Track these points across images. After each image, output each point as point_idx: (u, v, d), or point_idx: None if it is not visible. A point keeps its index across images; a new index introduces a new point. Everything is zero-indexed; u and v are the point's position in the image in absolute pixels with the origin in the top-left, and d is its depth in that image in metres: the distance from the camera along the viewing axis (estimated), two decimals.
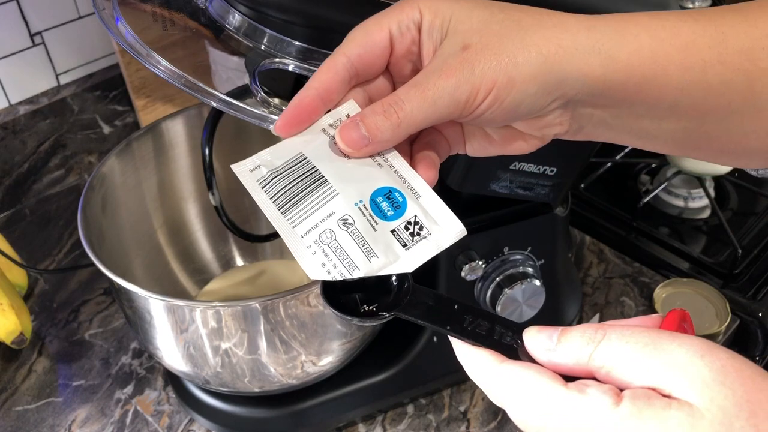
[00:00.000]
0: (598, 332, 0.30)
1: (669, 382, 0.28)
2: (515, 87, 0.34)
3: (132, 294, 0.56)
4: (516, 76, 0.34)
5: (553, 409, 0.29)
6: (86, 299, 0.84)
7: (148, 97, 1.00)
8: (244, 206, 0.80)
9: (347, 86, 0.38)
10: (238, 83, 0.53)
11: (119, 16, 0.50)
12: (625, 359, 0.29)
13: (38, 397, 0.73)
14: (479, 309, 0.35)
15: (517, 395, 0.31)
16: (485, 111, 0.35)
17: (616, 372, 0.29)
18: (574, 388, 0.30)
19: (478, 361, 0.33)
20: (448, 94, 0.35)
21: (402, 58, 0.38)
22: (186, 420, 0.71)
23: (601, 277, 0.85)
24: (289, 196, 0.37)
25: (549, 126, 0.38)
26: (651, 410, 0.27)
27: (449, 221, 0.37)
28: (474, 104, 0.35)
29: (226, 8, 0.48)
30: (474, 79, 0.34)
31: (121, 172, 0.69)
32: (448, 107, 0.35)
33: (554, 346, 0.31)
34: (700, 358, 0.28)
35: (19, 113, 0.95)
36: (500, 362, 0.32)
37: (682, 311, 0.32)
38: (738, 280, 0.83)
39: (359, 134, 0.36)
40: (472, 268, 0.65)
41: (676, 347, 0.28)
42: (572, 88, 0.35)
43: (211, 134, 0.62)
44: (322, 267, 0.35)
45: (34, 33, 0.94)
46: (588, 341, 0.30)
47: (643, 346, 0.29)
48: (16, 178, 0.97)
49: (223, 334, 0.57)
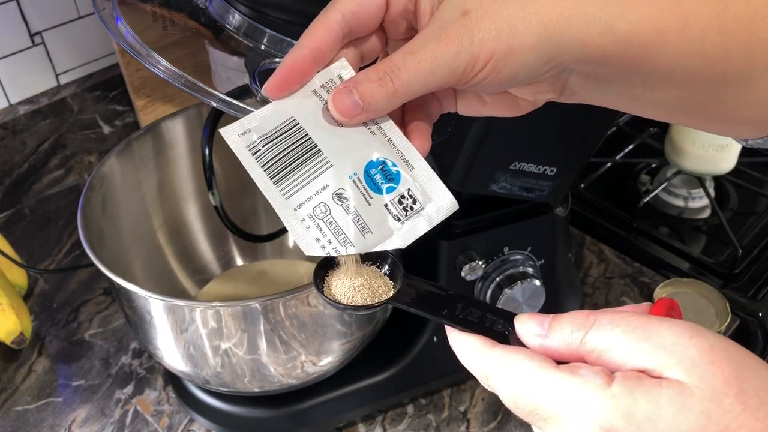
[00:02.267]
0: (589, 318, 0.31)
1: (659, 363, 0.28)
2: (514, 57, 0.33)
3: (132, 294, 0.56)
4: (516, 46, 0.33)
5: (545, 391, 0.30)
6: (86, 299, 0.84)
7: (148, 97, 1.00)
8: (244, 206, 0.80)
9: (340, 44, 0.37)
10: (238, 83, 0.53)
11: (119, 16, 0.50)
12: (615, 343, 0.30)
13: (38, 397, 0.73)
14: (471, 297, 0.35)
15: (508, 379, 0.31)
16: (483, 80, 0.34)
17: (606, 355, 0.30)
18: (566, 369, 0.30)
19: (469, 346, 0.33)
20: (446, 64, 0.34)
21: (398, 16, 0.37)
22: (186, 420, 0.71)
23: (601, 277, 0.85)
24: (281, 166, 0.36)
25: (542, 92, 0.37)
26: (642, 389, 0.28)
27: (441, 195, 0.37)
28: (471, 74, 0.34)
29: (226, 8, 0.48)
30: (473, 49, 0.33)
31: (121, 172, 0.69)
32: (445, 76, 0.34)
33: (545, 332, 0.32)
34: (688, 339, 0.29)
35: (18, 113, 0.95)
36: (491, 347, 0.32)
37: (671, 300, 0.33)
38: (738, 280, 0.83)
39: (352, 101, 0.35)
40: (472, 268, 0.65)
41: (665, 330, 0.29)
42: (569, 57, 0.34)
43: (210, 134, 0.62)
44: (317, 242, 0.35)
45: (34, 33, 0.94)
46: (579, 326, 0.31)
47: (633, 329, 0.29)
48: (16, 178, 0.97)
49: (223, 334, 0.57)
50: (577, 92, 0.37)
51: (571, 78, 0.36)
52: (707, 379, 0.27)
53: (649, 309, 0.32)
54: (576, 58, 0.34)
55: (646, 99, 0.37)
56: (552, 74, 0.35)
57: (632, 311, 0.31)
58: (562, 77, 0.36)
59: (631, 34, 0.33)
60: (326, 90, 0.37)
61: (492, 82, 0.35)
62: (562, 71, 0.35)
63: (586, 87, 0.37)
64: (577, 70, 0.35)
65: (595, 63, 0.35)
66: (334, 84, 0.37)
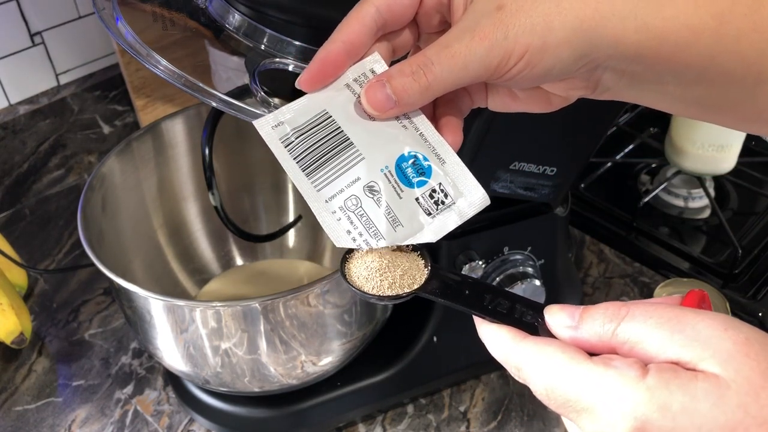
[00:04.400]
0: (622, 309, 0.30)
1: (694, 355, 0.28)
2: (548, 52, 0.33)
3: (132, 294, 0.56)
4: (550, 41, 0.33)
5: (579, 383, 0.29)
6: (86, 299, 0.84)
7: (148, 97, 1.00)
8: (244, 206, 0.81)
9: (373, 38, 0.37)
10: (238, 83, 0.53)
11: (119, 15, 0.50)
12: (648, 334, 0.29)
13: (38, 397, 0.73)
14: (499, 288, 0.35)
15: (540, 370, 0.31)
16: (516, 75, 0.34)
17: (640, 347, 0.30)
18: (599, 361, 0.29)
19: (499, 338, 0.33)
20: (480, 59, 0.34)
21: (431, 9, 0.37)
22: (186, 420, 0.71)
23: (601, 277, 0.85)
24: (314, 158, 0.36)
25: (575, 88, 0.37)
26: (678, 381, 0.27)
27: (473, 190, 0.37)
28: (505, 68, 0.34)
29: (225, 8, 0.48)
30: (507, 44, 0.33)
31: (121, 172, 0.69)
32: (479, 71, 0.34)
33: (576, 324, 0.31)
34: (723, 331, 0.28)
35: (18, 113, 0.95)
36: (522, 338, 0.32)
37: (702, 292, 0.33)
38: (738, 280, 0.83)
39: (385, 95, 0.35)
40: (472, 268, 0.65)
41: (699, 321, 0.29)
42: (604, 53, 0.34)
43: (210, 134, 0.62)
44: (347, 234, 0.35)
45: (34, 33, 0.94)
46: (611, 318, 0.30)
47: (667, 320, 0.29)
48: (15, 178, 0.97)
49: (223, 334, 0.57)
50: (611, 89, 0.37)
51: (605, 74, 0.36)
52: (743, 372, 0.27)
53: (680, 301, 0.32)
54: (610, 54, 0.34)
55: (679, 96, 0.36)
56: (586, 70, 0.35)
57: (665, 303, 0.31)
58: (596, 74, 0.36)
59: (665, 31, 0.33)
60: (359, 84, 0.37)
61: (526, 77, 0.35)
62: (596, 67, 0.35)
63: (620, 84, 0.36)
64: (612, 66, 0.35)
65: (630, 60, 0.35)
66: (367, 78, 0.37)
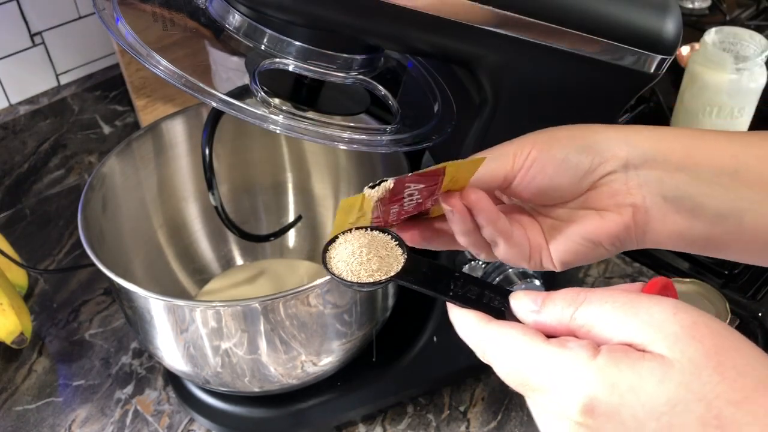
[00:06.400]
0: (580, 295, 0.32)
1: (645, 338, 0.30)
2: (556, 143, 0.40)
3: (132, 294, 0.56)
4: (555, 134, 0.41)
5: (535, 363, 0.32)
6: (86, 299, 0.84)
7: (148, 97, 1.00)
8: (244, 206, 0.81)
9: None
10: (238, 83, 0.54)
11: (119, 16, 0.50)
12: (604, 318, 0.31)
13: (38, 397, 0.73)
14: (469, 276, 0.38)
15: (501, 351, 0.33)
16: (530, 166, 0.40)
17: (596, 330, 0.32)
18: (555, 343, 0.32)
19: (467, 321, 0.35)
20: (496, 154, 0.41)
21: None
22: (186, 420, 0.71)
23: (601, 277, 0.85)
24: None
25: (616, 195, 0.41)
26: (627, 361, 0.29)
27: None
28: (520, 159, 0.41)
29: (226, 8, 0.48)
30: (517, 143, 0.41)
31: (121, 172, 0.69)
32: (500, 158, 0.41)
33: (538, 308, 0.34)
34: (673, 315, 0.30)
35: (19, 113, 0.95)
36: (487, 322, 0.34)
37: (665, 279, 0.34)
38: (738, 280, 0.83)
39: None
40: (472, 268, 0.65)
41: (652, 306, 0.31)
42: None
43: (211, 134, 0.62)
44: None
45: (34, 33, 0.94)
46: (570, 303, 0.33)
47: (621, 305, 0.31)
48: (16, 178, 0.97)
49: (223, 333, 0.57)
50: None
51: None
52: (688, 353, 0.29)
53: (641, 288, 0.34)
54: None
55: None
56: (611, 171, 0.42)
57: (624, 289, 0.33)
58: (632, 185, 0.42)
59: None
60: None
61: (539, 169, 0.42)
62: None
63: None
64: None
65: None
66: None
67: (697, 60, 0.88)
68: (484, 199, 0.40)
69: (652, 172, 0.40)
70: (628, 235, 0.41)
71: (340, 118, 0.53)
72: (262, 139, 0.78)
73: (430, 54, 0.55)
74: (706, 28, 0.91)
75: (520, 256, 0.42)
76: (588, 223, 0.42)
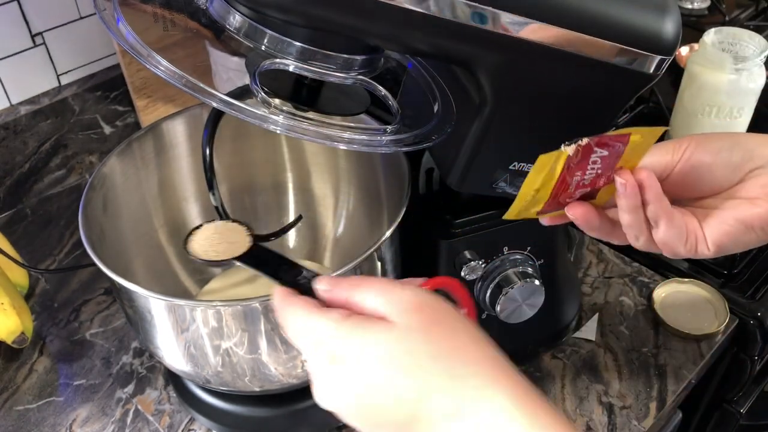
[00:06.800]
0: (359, 281, 0.42)
1: (385, 310, 0.40)
2: (709, 138, 0.48)
3: (133, 293, 0.56)
4: (707, 134, 0.48)
5: (303, 325, 0.42)
6: (87, 299, 0.84)
7: (149, 97, 1.01)
8: (244, 206, 0.81)
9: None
10: (239, 83, 0.54)
11: (120, 16, 0.50)
12: (368, 298, 0.41)
13: (39, 397, 0.74)
14: (293, 261, 0.48)
15: (287, 318, 0.43)
16: (689, 157, 0.48)
17: (360, 305, 0.42)
18: (321, 311, 0.42)
19: (276, 294, 0.44)
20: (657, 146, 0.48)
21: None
22: (186, 419, 0.71)
23: (601, 276, 0.85)
24: None
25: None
26: (366, 323, 0.40)
27: None
28: (680, 150, 0.48)
29: (226, 9, 0.48)
30: (675, 140, 0.49)
31: (121, 172, 0.69)
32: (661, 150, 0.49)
33: (330, 289, 0.43)
34: (409, 297, 0.41)
35: (20, 113, 0.95)
36: (288, 296, 0.44)
37: (448, 281, 0.46)
38: (737, 279, 0.84)
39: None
40: (472, 268, 0.65)
41: (399, 291, 0.41)
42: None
43: (211, 134, 0.62)
44: None
45: (35, 33, 0.94)
46: (351, 287, 0.42)
47: (379, 289, 0.41)
48: (17, 178, 0.97)
49: (223, 333, 0.57)
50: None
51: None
52: (408, 321, 0.39)
53: (423, 282, 0.45)
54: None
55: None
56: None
57: (404, 282, 0.44)
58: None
59: None
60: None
61: (698, 150, 0.49)
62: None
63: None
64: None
65: None
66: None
67: (697, 60, 0.88)
68: (652, 177, 0.46)
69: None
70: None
71: (340, 118, 0.53)
72: (262, 140, 0.78)
73: (429, 54, 0.55)
74: (705, 28, 0.91)
75: (678, 238, 0.47)
76: (741, 208, 0.47)
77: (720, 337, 0.77)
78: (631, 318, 0.80)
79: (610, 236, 0.50)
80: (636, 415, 0.70)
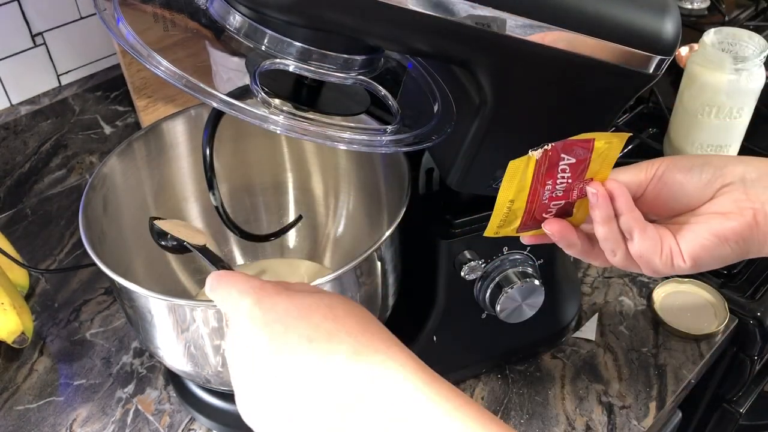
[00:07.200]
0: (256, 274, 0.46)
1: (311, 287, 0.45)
2: (680, 158, 0.49)
3: (133, 293, 0.57)
4: (678, 155, 0.50)
5: (224, 296, 0.44)
6: (87, 299, 0.84)
7: (149, 97, 1.01)
8: (244, 206, 0.81)
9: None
10: (239, 84, 0.54)
11: (120, 16, 0.50)
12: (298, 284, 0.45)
13: (39, 397, 0.74)
14: (217, 256, 0.56)
15: (213, 291, 0.45)
16: (661, 175, 0.49)
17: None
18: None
19: (212, 273, 0.46)
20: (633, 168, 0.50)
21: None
22: (187, 419, 0.71)
23: (600, 276, 0.85)
24: None
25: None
26: (292, 285, 0.44)
27: None
28: (652, 170, 0.49)
29: (226, 9, 0.48)
30: (646, 161, 0.50)
31: (122, 172, 0.69)
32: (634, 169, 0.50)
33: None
34: (258, 303, 0.42)
35: (20, 113, 0.95)
36: (221, 273, 0.46)
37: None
38: (736, 279, 0.84)
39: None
40: (472, 268, 0.65)
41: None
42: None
43: (211, 135, 0.62)
44: None
45: (35, 33, 0.94)
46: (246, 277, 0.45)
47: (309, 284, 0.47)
48: (17, 178, 0.97)
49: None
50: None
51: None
52: (251, 318, 0.42)
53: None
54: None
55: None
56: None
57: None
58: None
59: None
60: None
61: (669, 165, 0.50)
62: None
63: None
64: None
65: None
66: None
67: (696, 60, 0.88)
68: (622, 188, 0.48)
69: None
70: (751, 233, 0.47)
71: (340, 118, 0.53)
72: (262, 140, 0.78)
73: (429, 54, 0.55)
74: (705, 28, 0.91)
75: (653, 250, 0.48)
76: (714, 221, 0.48)
77: (719, 337, 0.77)
78: (631, 318, 0.80)
79: (590, 255, 0.52)
80: (636, 415, 0.71)
